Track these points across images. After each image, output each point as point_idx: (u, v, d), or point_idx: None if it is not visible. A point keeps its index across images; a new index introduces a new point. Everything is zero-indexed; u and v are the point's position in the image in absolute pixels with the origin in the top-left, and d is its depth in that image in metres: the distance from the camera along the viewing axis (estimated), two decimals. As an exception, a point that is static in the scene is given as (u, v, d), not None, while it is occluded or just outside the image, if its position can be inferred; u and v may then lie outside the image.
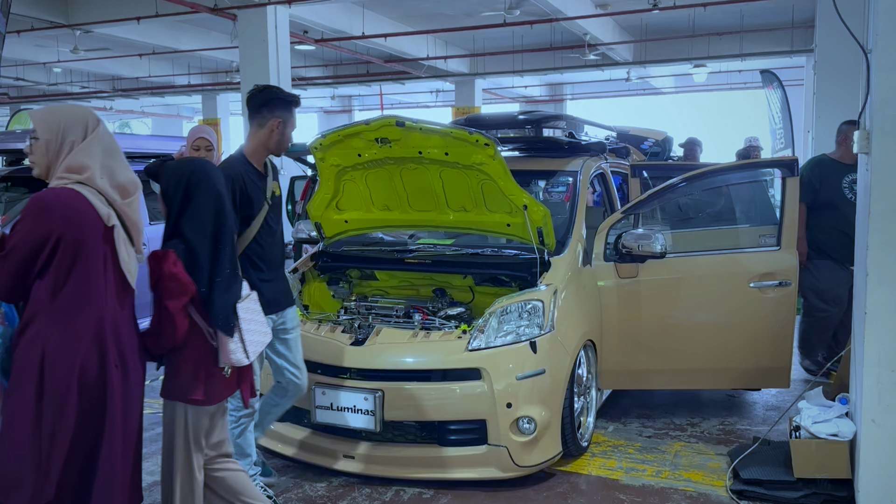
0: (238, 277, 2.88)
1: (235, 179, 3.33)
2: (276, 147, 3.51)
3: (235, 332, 2.73)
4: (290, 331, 3.65)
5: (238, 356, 2.74)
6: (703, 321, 4.67)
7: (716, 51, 17.64)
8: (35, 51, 17.01)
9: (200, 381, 2.73)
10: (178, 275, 2.64)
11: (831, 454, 3.58)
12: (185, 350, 2.71)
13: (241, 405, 3.25)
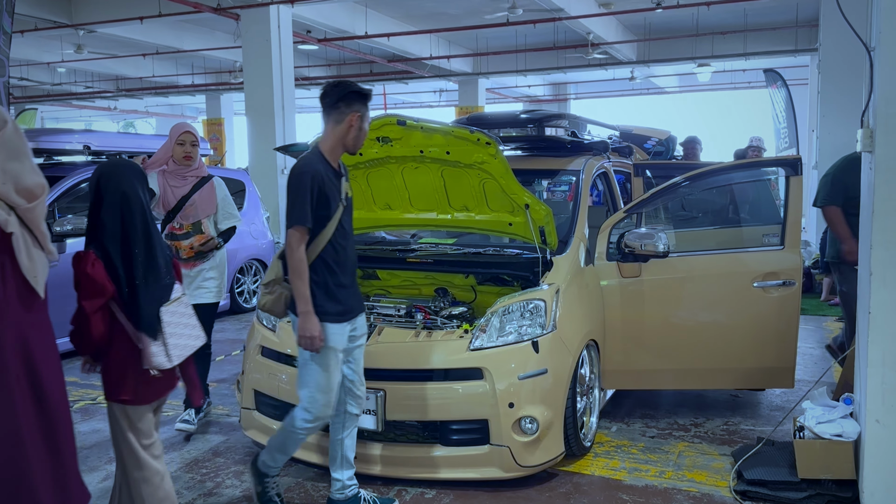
0: (162, 280, 2.80)
1: (315, 178, 3.24)
2: (354, 143, 3.39)
3: (159, 335, 2.72)
4: (357, 338, 3.52)
5: (160, 360, 2.73)
6: (706, 321, 4.65)
7: (719, 50, 17.61)
8: (39, 51, 17.05)
9: (128, 381, 2.75)
10: (94, 276, 2.65)
11: (835, 455, 3.56)
12: (112, 351, 2.75)
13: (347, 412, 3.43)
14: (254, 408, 4.34)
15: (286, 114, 12.78)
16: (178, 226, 4.64)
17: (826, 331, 7.60)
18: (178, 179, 4.66)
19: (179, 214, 4.62)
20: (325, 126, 3.38)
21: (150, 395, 2.83)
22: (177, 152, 4.64)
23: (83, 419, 5.02)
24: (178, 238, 4.63)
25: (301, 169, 3.26)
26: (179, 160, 4.64)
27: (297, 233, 3.21)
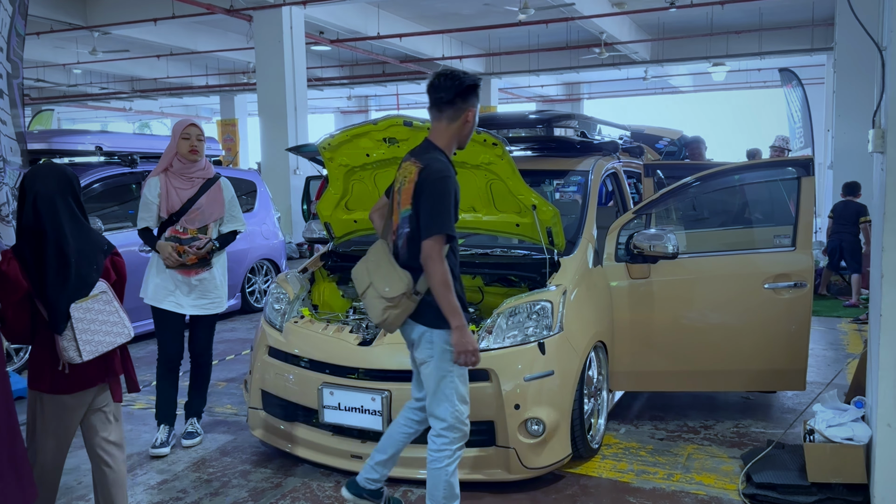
0: (70, 278, 2.82)
1: (455, 181, 3.08)
2: (465, 139, 3.21)
3: (67, 331, 2.79)
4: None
5: (70, 354, 2.81)
6: (716, 322, 4.61)
7: (734, 49, 17.52)
8: (55, 52, 17.20)
9: (45, 371, 2.87)
10: (8, 273, 2.74)
11: (846, 458, 3.52)
12: (35, 342, 2.90)
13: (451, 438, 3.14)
14: (261, 408, 4.35)
15: (298, 114, 12.83)
16: (181, 229, 4.36)
17: (840, 333, 7.52)
18: (184, 181, 4.38)
19: (184, 218, 4.34)
20: (439, 123, 3.14)
21: (68, 386, 2.91)
22: (182, 147, 4.34)
23: (93, 418, 5.04)
24: (183, 242, 4.36)
25: (444, 172, 3.03)
26: (185, 155, 4.34)
27: (441, 241, 2.98)
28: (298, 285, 4.61)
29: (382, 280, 3.11)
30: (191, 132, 4.36)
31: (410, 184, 3.07)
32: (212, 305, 4.49)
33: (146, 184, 4.42)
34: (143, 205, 4.39)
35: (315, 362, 4.07)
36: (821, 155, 14.62)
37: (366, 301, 3.19)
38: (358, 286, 3.29)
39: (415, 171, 3.08)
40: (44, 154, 7.06)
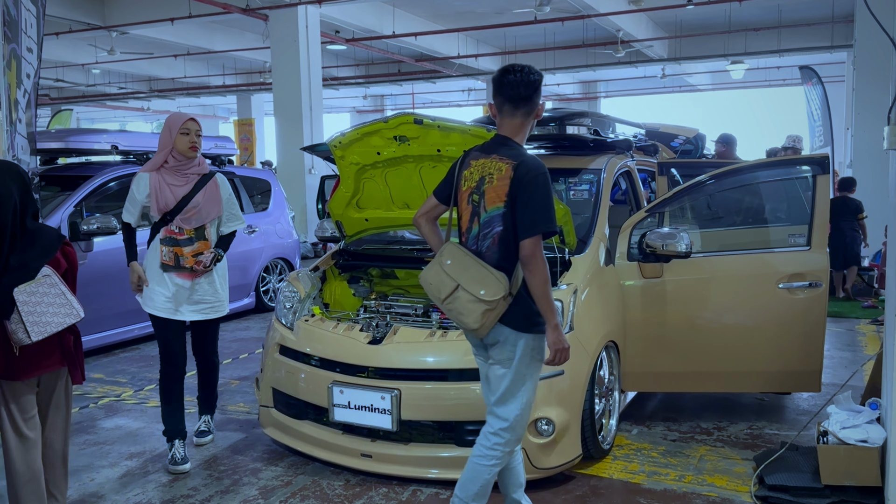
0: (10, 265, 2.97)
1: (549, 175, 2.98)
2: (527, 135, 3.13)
3: (13, 314, 2.94)
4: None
5: (19, 336, 2.95)
6: (729, 322, 4.56)
7: (753, 47, 17.35)
8: (74, 52, 17.36)
9: (0, 357, 2.98)
10: None
11: (860, 461, 3.46)
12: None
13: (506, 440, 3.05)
14: (272, 406, 4.36)
15: (314, 114, 12.86)
16: (177, 230, 4.08)
17: (858, 334, 7.43)
18: (178, 177, 4.09)
19: (179, 217, 4.07)
20: (510, 117, 3.04)
21: (23, 371, 3.04)
22: (181, 143, 4.06)
23: (106, 415, 5.08)
24: (181, 244, 4.09)
25: (542, 168, 2.93)
26: (184, 152, 4.07)
27: (541, 239, 2.90)
28: (309, 284, 4.62)
29: (475, 283, 2.93)
30: (190, 127, 4.09)
31: (503, 181, 2.93)
32: (212, 310, 4.24)
33: (135, 179, 4.13)
34: (129, 199, 4.15)
35: (325, 361, 4.08)
36: (841, 154, 14.46)
37: (454, 306, 2.96)
38: (435, 291, 3.02)
39: (506, 167, 2.94)
40: (60, 153, 7.13)
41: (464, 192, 3.08)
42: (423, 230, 3.25)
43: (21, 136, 5.59)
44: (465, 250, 3.01)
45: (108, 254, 6.49)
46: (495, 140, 3.09)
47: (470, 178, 3.06)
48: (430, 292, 3.06)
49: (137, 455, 4.37)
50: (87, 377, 5.89)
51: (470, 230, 3.06)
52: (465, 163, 3.12)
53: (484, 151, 3.07)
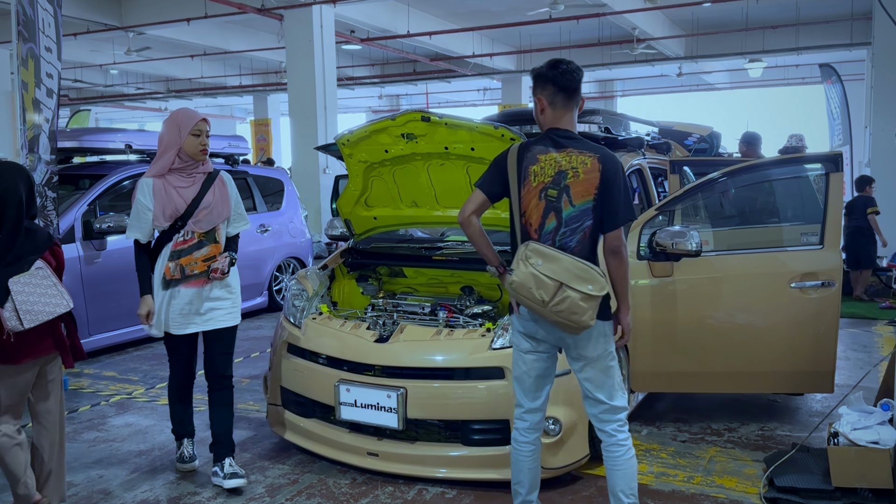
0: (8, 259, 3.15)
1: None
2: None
3: (8, 302, 3.10)
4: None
5: (12, 323, 3.11)
6: (740, 322, 4.51)
7: (771, 45, 17.18)
8: (92, 53, 17.52)
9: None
10: None
11: (871, 463, 3.41)
12: None
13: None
14: (280, 404, 4.36)
15: (328, 113, 12.89)
16: (186, 236, 3.76)
17: (875, 335, 7.33)
18: (184, 179, 3.78)
19: (191, 221, 3.76)
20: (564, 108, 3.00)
21: (20, 356, 3.22)
22: (192, 145, 3.75)
23: (117, 413, 5.12)
24: (187, 253, 3.75)
25: (619, 159, 2.99)
26: (195, 154, 3.77)
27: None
28: (318, 282, 4.62)
29: (579, 280, 2.84)
30: (202, 128, 3.79)
31: (591, 174, 2.91)
32: (230, 316, 3.89)
33: (138, 187, 3.75)
34: (135, 212, 3.74)
35: (332, 359, 4.08)
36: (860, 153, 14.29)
37: (564, 306, 2.82)
38: (536, 295, 2.84)
39: (591, 160, 2.92)
40: (75, 152, 7.18)
41: (533, 188, 2.97)
42: (473, 230, 3.06)
43: (45, 135, 5.63)
44: (551, 248, 2.90)
45: (121, 252, 6.53)
46: (557, 134, 2.99)
47: (541, 173, 2.96)
48: (530, 297, 2.86)
49: (146, 452, 4.39)
50: (99, 375, 5.98)
51: (543, 226, 2.96)
52: (526, 157, 2.99)
53: (552, 146, 2.97)
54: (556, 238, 2.95)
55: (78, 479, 4.01)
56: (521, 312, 3.06)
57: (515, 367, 3.18)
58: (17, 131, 5.41)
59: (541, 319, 2.99)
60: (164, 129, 3.81)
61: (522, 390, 3.17)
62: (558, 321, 2.89)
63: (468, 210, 3.06)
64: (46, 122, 5.65)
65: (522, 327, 3.09)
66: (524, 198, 2.99)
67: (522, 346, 3.12)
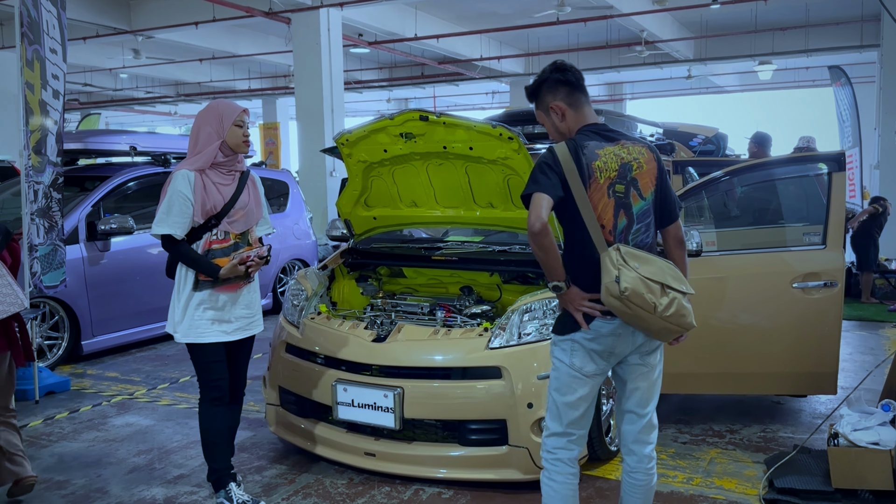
0: None
1: None
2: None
3: None
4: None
5: None
6: (742, 323, 4.47)
7: (780, 46, 17.08)
8: (101, 57, 17.62)
9: None
10: None
11: (872, 464, 3.37)
12: None
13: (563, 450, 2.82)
14: (278, 404, 4.36)
15: (335, 117, 12.90)
16: (221, 236, 3.51)
17: (883, 338, 7.25)
18: (224, 176, 3.53)
19: (226, 220, 3.51)
20: (587, 105, 2.85)
21: None
22: (234, 136, 3.49)
23: (118, 413, 5.12)
24: (222, 254, 3.50)
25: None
26: (238, 146, 3.52)
27: None
28: (317, 282, 4.62)
29: (676, 280, 2.67)
30: (244, 119, 3.55)
31: (651, 164, 2.78)
32: (255, 323, 3.68)
33: (176, 178, 3.43)
34: (173, 205, 3.41)
35: (330, 358, 4.07)
36: (870, 156, 14.18)
37: (675, 309, 2.62)
38: (649, 303, 2.58)
39: (646, 151, 2.81)
40: (80, 154, 7.22)
41: (601, 185, 2.70)
42: (550, 240, 2.63)
43: (52, 136, 5.66)
44: (636, 249, 2.68)
45: (125, 254, 6.56)
46: (599, 128, 2.81)
47: (606, 168, 2.71)
48: (643, 304, 2.57)
49: (145, 452, 4.39)
50: (102, 376, 6.00)
51: (616, 226, 2.71)
52: (585, 154, 2.70)
53: (603, 139, 2.76)
54: (628, 237, 2.73)
55: (76, 478, 4.02)
56: (593, 327, 2.69)
57: (570, 392, 2.76)
58: (21, 132, 5.43)
59: (626, 331, 2.69)
60: (203, 120, 3.53)
61: (580, 415, 2.78)
62: (665, 327, 2.64)
63: (545, 215, 2.60)
64: (54, 123, 5.67)
65: (599, 344, 2.71)
66: (593, 197, 2.69)
67: (587, 369, 2.74)
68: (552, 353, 2.84)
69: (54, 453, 4.37)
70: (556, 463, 2.81)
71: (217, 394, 3.59)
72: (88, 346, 6.38)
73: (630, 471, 2.90)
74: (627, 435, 2.88)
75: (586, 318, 2.70)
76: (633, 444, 2.88)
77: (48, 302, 6.05)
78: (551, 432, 2.82)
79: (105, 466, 4.18)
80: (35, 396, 5.30)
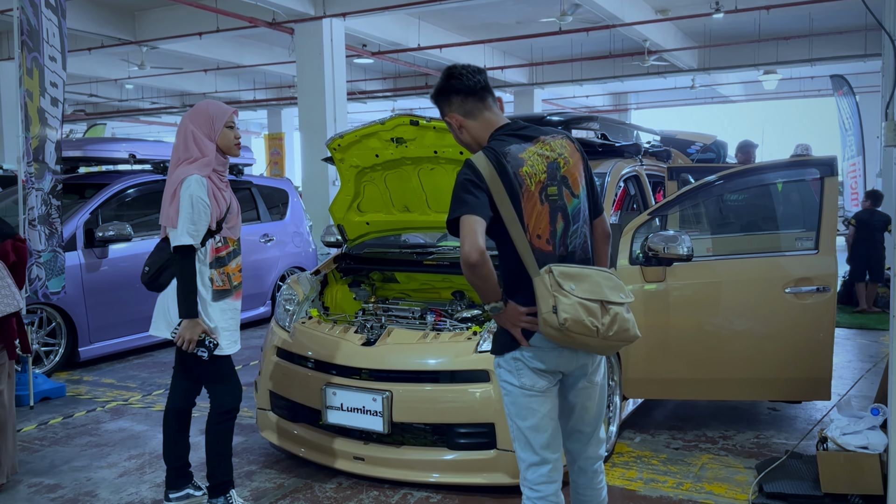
0: None
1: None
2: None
3: None
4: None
5: None
6: (733, 328, 4.45)
7: (784, 56, 17.06)
8: (107, 68, 17.75)
9: None
10: None
11: (861, 468, 3.34)
12: None
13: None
14: (269, 409, 4.36)
15: (338, 127, 12.93)
16: (221, 243, 3.42)
17: (882, 346, 7.20)
18: (220, 181, 3.43)
19: (225, 226, 3.42)
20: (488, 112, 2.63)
21: None
22: (226, 139, 3.41)
23: (112, 419, 5.13)
24: (227, 261, 3.44)
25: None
26: (230, 149, 3.43)
27: None
28: (309, 287, 4.63)
29: (613, 290, 2.47)
30: (234, 120, 3.46)
31: (575, 156, 2.60)
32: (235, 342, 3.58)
33: (191, 184, 3.26)
34: (194, 213, 3.26)
35: (320, 362, 4.07)
36: (873, 164, 14.14)
37: (617, 326, 2.43)
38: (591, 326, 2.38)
39: (567, 143, 2.61)
40: (79, 161, 7.26)
41: (532, 192, 2.49)
42: (489, 266, 2.38)
43: (51, 143, 5.71)
44: (569, 265, 2.46)
45: (123, 261, 6.59)
46: (513, 128, 2.59)
47: (534, 172, 2.50)
48: (585, 332, 2.38)
49: (136, 457, 4.40)
50: (98, 382, 6.01)
51: (554, 232, 2.52)
52: (508, 161, 2.47)
53: (521, 140, 2.55)
54: (566, 240, 2.54)
55: (65, 481, 4.02)
56: (533, 343, 2.49)
57: (530, 414, 2.52)
58: (20, 139, 5.48)
59: (567, 349, 2.50)
60: (193, 123, 3.38)
61: (548, 437, 2.53)
62: (609, 346, 2.48)
63: (477, 244, 2.34)
64: (54, 131, 5.72)
65: (542, 362, 2.50)
66: (525, 208, 2.48)
67: (539, 385, 2.52)
68: (499, 378, 2.60)
69: (46, 457, 4.38)
70: (540, 502, 2.54)
71: (237, 403, 3.55)
72: (85, 353, 6.40)
73: (580, 489, 2.73)
74: (575, 454, 2.71)
75: (526, 334, 2.49)
76: (583, 461, 2.70)
77: (45, 308, 6.08)
78: (528, 463, 2.55)
79: (95, 470, 4.18)
80: (30, 402, 5.32)
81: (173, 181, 3.33)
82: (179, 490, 3.67)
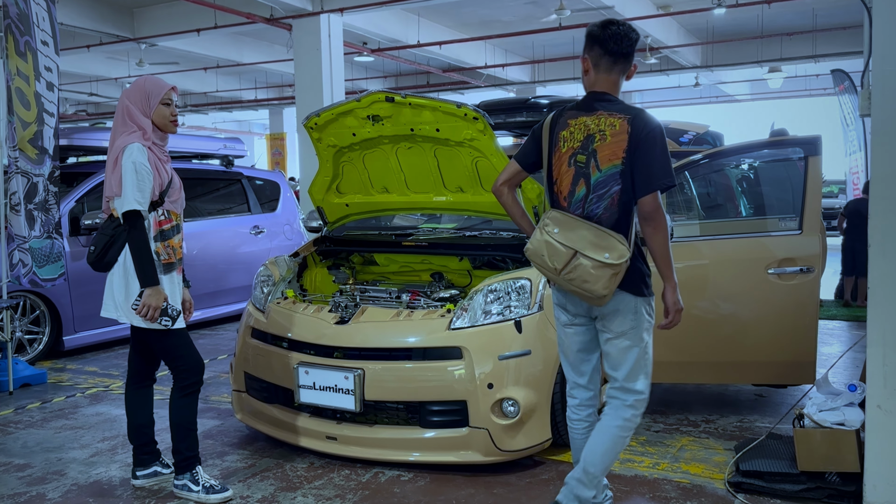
0: None
1: None
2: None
3: None
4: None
5: None
6: (715, 310, 4.38)
7: (788, 52, 16.96)
8: (107, 66, 17.79)
9: None
10: None
11: (838, 445, 3.26)
12: None
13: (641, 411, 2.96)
14: (244, 390, 4.31)
15: (336, 122, 12.91)
16: (164, 216, 3.39)
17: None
18: (163, 154, 3.43)
19: (168, 200, 3.39)
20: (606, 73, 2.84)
21: None
22: (161, 115, 3.38)
23: (90, 404, 5.09)
24: (170, 235, 3.41)
25: (657, 121, 2.80)
26: (166, 126, 3.40)
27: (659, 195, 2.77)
28: (286, 268, 4.58)
29: (595, 247, 2.72)
30: (172, 96, 3.43)
31: (619, 136, 2.75)
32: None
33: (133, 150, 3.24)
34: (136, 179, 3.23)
35: (293, 342, 4.02)
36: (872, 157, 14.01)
37: (576, 274, 2.72)
38: (548, 262, 2.77)
39: (620, 122, 2.76)
40: (66, 150, 7.24)
41: (563, 154, 2.84)
42: (505, 199, 3.02)
43: (49, 129, 5.68)
44: (571, 216, 2.79)
45: (110, 248, 6.55)
46: (592, 97, 2.85)
47: (571, 138, 2.83)
48: (543, 265, 2.79)
49: (110, 438, 4.36)
50: (81, 370, 5.98)
51: (573, 193, 2.82)
52: (558, 123, 2.88)
53: (583, 109, 2.84)
54: (584, 205, 2.80)
55: (36, 461, 3.99)
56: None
57: (559, 340, 3.09)
58: (3, 122, 5.46)
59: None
60: (129, 99, 3.37)
61: (568, 364, 3.07)
62: (573, 290, 2.78)
63: (500, 180, 3.02)
64: (50, 115, 5.69)
65: (556, 298, 3.02)
66: (555, 165, 2.86)
67: (561, 319, 3.04)
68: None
69: (19, 439, 4.34)
70: (568, 409, 3.14)
71: (201, 376, 3.51)
72: (70, 342, 6.37)
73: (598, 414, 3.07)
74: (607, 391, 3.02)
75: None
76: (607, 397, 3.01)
77: (28, 296, 6.06)
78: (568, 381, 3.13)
79: (67, 451, 4.14)
80: (9, 388, 5.29)
81: (115, 150, 3.31)
82: (146, 467, 3.64)
